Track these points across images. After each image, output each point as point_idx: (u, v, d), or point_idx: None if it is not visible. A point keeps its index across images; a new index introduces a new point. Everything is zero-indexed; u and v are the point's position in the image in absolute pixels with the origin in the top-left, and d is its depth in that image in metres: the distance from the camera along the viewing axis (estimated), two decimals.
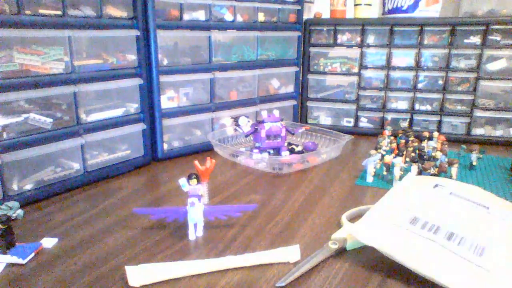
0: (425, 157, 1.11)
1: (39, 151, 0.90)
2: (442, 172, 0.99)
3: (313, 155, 1.16)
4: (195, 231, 0.76)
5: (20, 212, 0.71)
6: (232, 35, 1.33)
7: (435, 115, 1.47)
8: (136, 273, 0.61)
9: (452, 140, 1.43)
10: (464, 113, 1.43)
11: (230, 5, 1.26)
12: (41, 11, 0.88)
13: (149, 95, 1.15)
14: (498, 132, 1.42)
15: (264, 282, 0.62)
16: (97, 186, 1.02)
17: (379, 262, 0.67)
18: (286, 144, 1.21)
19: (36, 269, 0.66)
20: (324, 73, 1.59)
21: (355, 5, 1.56)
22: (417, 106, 1.49)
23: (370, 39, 1.51)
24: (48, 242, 0.73)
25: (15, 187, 0.88)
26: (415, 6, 1.45)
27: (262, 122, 1.17)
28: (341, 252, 0.70)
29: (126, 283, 0.61)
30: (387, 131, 1.31)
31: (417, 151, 1.18)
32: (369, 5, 1.56)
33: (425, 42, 1.44)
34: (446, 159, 1.07)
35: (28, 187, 0.90)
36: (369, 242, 0.65)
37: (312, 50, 1.58)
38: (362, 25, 1.50)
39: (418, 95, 1.48)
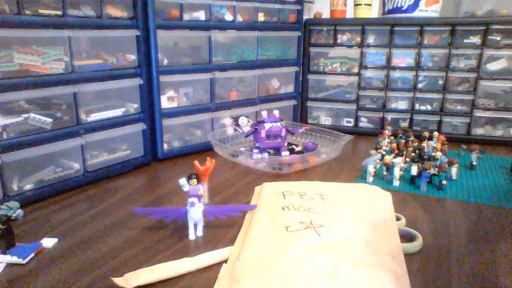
0: (425, 157, 1.11)
1: (39, 151, 0.90)
2: (442, 172, 0.99)
3: (313, 155, 1.15)
4: (195, 231, 0.76)
5: (20, 212, 0.71)
6: (232, 35, 1.33)
7: (435, 115, 1.47)
8: (124, 280, 0.61)
9: (452, 140, 1.43)
10: (464, 113, 1.43)
11: (230, 5, 1.26)
12: (41, 11, 0.88)
13: (149, 95, 1.15)
14: (498, 132, 1.42)
15: None
16: (97, 186, 1.02)
17: None
18: (286, 144, 1.21)
19: (36, 269, 0.66)
20: (324, 73, 1.59)
21: (355, 5, 1.56)
22: (417, 106, 1.49)
23: (370, 39, 1.51)
24: (48, 242, 0.73)
25: (15, 187, 0.88)
26: (415, 6, 1.45)
27: (262, 122, 1.17)
28: None
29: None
30: (387, 131, 1.31)
31: (417, 151, 1.18)
32: (369, 5, 1.56)
33: (425, 42, 1.44)
34: (446, 159, 1.07)
35: (28, 187, 0.90)
36: None
37: (312, 50, 1.58)
38: (362, 25, 1.50)
39: (418, 95, 1.48)
